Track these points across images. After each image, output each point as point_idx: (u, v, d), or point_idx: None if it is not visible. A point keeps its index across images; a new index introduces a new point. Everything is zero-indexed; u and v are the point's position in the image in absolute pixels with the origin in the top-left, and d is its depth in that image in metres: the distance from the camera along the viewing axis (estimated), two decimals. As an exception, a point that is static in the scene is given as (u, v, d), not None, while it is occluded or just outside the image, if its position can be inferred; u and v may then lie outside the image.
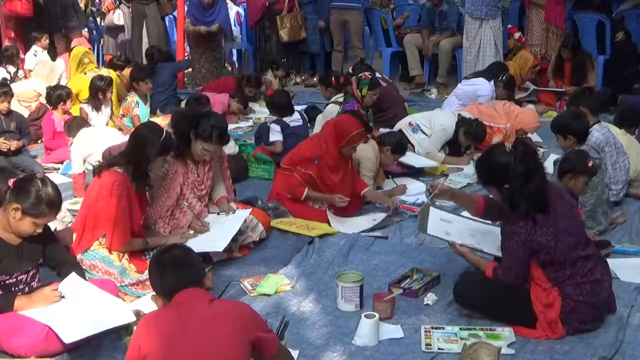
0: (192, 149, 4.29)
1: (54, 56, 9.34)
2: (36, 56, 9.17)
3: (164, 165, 4.10)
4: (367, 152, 5.30)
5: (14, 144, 6.22)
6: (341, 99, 6.67)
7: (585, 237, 3.47)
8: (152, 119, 6.87)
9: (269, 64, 9.71)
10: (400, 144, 5.58)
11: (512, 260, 3.36)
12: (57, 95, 6.66)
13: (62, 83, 7.92)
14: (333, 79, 7.37)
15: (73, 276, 3.42)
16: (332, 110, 6.59)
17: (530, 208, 3.27)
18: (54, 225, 4.17)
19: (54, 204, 3.25)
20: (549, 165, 6.04)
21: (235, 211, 4.45)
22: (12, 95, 6.56)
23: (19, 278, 3.33)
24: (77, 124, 5.86)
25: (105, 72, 7.81)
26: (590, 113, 5.32)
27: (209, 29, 9.49)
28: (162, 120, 6.54)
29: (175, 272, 2.65)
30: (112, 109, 7.20)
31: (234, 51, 11.20)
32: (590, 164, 4.23)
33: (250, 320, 2.64)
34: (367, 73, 6.67)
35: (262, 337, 2.62)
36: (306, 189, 4.83)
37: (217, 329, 2.53)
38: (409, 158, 5.94)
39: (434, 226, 4.24)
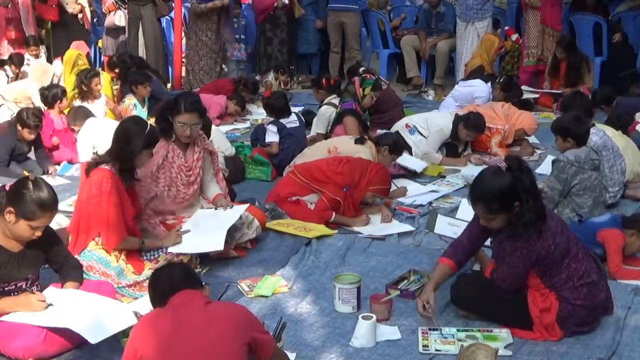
0: (174, 130, 4.31)
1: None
2: (29, 65, 9.16)
3: (149, 159, 4.09)
4: (364, 152, 5.30)
5: None
6: (335, 101, 6.67)
7: (570, 231, 3.45)
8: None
9: (275, 67, 9.70)
10: (398, 144, 5.58)
11: (509, 273, 3.35)
12: (53, 95, 6.69)
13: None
14: (324, 81, 7.35)
15: (51, 289, 3.37)
16: (325, 111, 6.61)
17: (539, 220, 3.23)
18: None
19: (46, 206, 3.18)
20: (546, 167, 6.08)
21: (232, 207, 4.43)
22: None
23: (18, 285, 3.31)
24: (82, 114, 5.82)
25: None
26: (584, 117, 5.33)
27: (222, 1, 9.50)
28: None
29: (172, 288, 2.70)
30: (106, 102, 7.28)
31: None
32: None
33: (246, 321, 2.64)
34: (371, 74, 6.69)
35: (258, 338, 2.63)
36: (334, 213, 4.80)
37: (214, 330, 2.54)
38: (406, 160, 5.95)
39: (442, 228, 4.70)
